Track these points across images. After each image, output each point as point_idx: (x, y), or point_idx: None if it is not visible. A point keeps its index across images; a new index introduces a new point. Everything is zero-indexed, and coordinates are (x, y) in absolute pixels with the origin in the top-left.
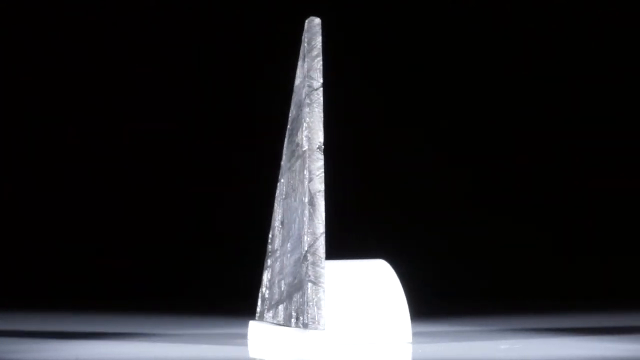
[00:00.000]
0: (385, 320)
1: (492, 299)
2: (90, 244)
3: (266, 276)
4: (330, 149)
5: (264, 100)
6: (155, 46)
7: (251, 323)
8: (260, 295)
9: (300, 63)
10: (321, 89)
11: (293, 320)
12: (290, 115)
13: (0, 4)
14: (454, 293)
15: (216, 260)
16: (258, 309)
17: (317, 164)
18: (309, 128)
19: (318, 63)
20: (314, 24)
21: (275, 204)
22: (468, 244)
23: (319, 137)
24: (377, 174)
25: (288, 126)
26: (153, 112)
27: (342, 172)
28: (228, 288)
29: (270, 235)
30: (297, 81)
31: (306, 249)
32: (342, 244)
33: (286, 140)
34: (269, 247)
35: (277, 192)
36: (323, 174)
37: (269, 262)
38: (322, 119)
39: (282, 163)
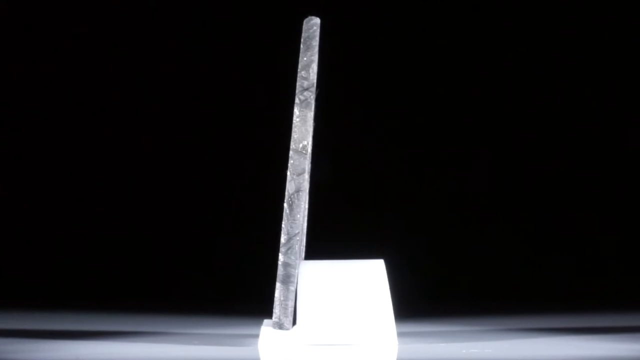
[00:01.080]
0: (367, 322)
1: (492, 299)
2: (91, 243)
3: None
4: (329, 150)
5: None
6: (157, 48)
7: (265, 322)
8: None
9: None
10: (313, 88)
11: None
12: None
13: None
14: (455, 293)
15: (236, 259)
16: None
17: (297, 164)
18: (296, 128)
19: (311, 63)
20: (312, 23)
21: None
22: (467, 244)
23: (306, 138)
24: (379, 174)
25: None
26: (156, 113)
27: (343, 172)
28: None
29: None
30: None
31: (280, 248)
32: (344, 244)
33: None
34: None
35: None
36: (305, 175)
37: None
38: (311, 119)
39: None
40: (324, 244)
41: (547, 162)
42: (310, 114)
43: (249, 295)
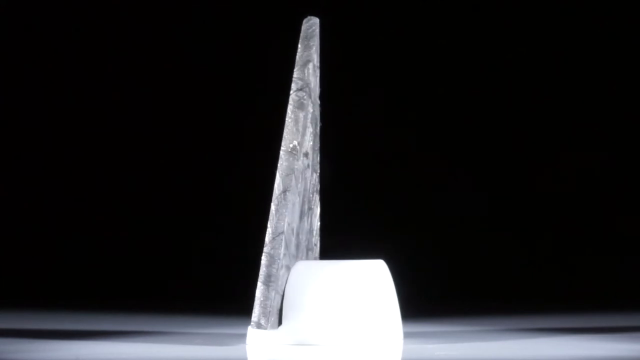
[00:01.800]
0: (372, 321)
1: (492, 299)
2: (91, 243)
3: None
4: (328, 150)
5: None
6: (157, 48)
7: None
8: None
9: None
10: (307, 88)
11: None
12: None
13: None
14: (455, 293)
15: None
16: None
17: (286, 165)
18: (287, 128)
19: (308, 63)
20: (310, 23)
21: None
22: (468, 244)
23: (295, 138)
24: (379, 173)
25: None
26: (156, 113)
27: (342, 173)
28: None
29: None
30: None
31: (263, 248)
32: (344, 244)
33: None
34: None
35: None
36: (293, 175)
37: None
38: (304, 119)
39: None
40: (324, 243)
41: (547, 163)
42: (303, 115)
43: (249, 294)
